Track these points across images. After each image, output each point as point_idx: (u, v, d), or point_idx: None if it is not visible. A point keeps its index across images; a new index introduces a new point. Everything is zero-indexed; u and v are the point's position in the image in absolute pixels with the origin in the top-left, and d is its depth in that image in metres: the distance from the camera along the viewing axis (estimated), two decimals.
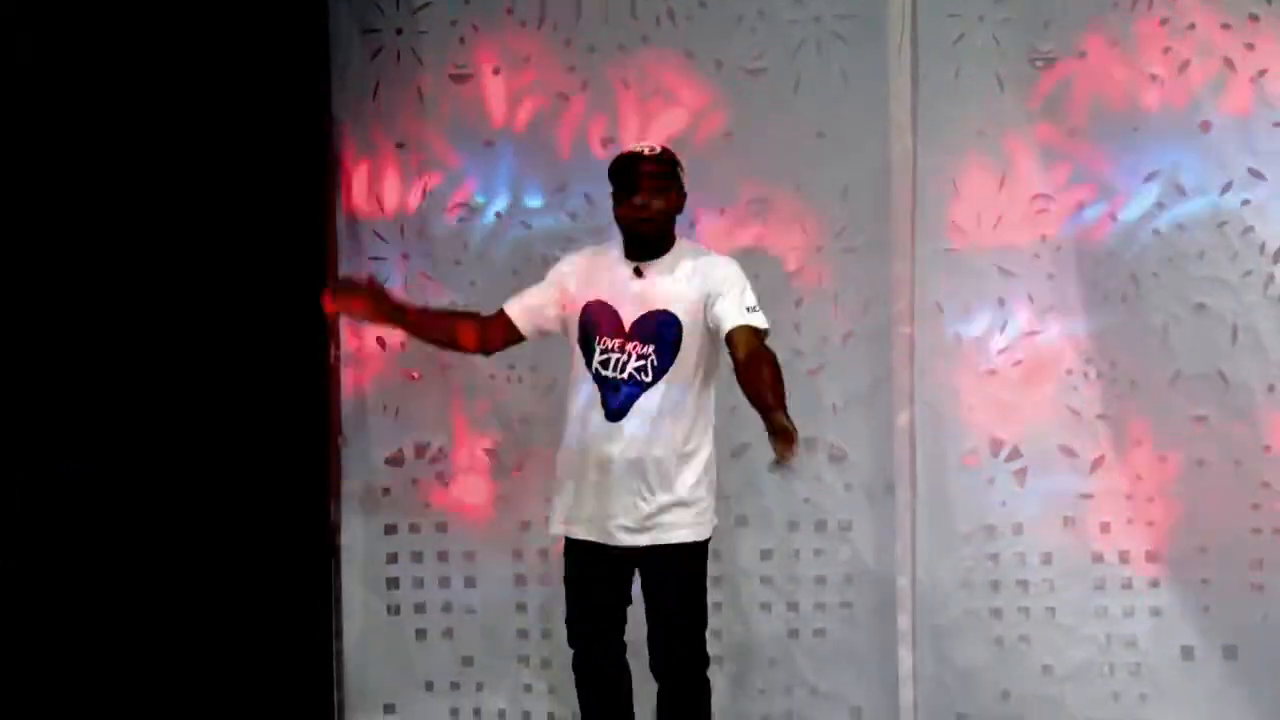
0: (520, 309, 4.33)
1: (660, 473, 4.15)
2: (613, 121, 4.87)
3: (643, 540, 4.16)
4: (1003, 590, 4.83)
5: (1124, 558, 4.79)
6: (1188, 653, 4.77)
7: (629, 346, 4.17)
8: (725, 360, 4.18)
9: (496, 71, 4.91)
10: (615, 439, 4.16)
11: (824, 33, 4.79)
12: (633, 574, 4.24)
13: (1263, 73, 4.67)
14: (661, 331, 4.17)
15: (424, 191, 4.95)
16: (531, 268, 4.73)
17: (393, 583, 5.01)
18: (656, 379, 4.16)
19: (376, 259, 4.96)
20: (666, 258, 4.21)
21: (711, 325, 4.15)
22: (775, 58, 4.81)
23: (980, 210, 4.79)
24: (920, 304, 4.80)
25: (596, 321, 4.20)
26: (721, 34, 4.82)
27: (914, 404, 4.81)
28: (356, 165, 4.95)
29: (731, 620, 4.90)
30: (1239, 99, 4.67)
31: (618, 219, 4.22)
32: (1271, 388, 4.70)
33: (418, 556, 5.00)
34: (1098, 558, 4.80)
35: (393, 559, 5.01)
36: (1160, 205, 4.73)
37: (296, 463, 4.81)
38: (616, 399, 4.17)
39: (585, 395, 4.21)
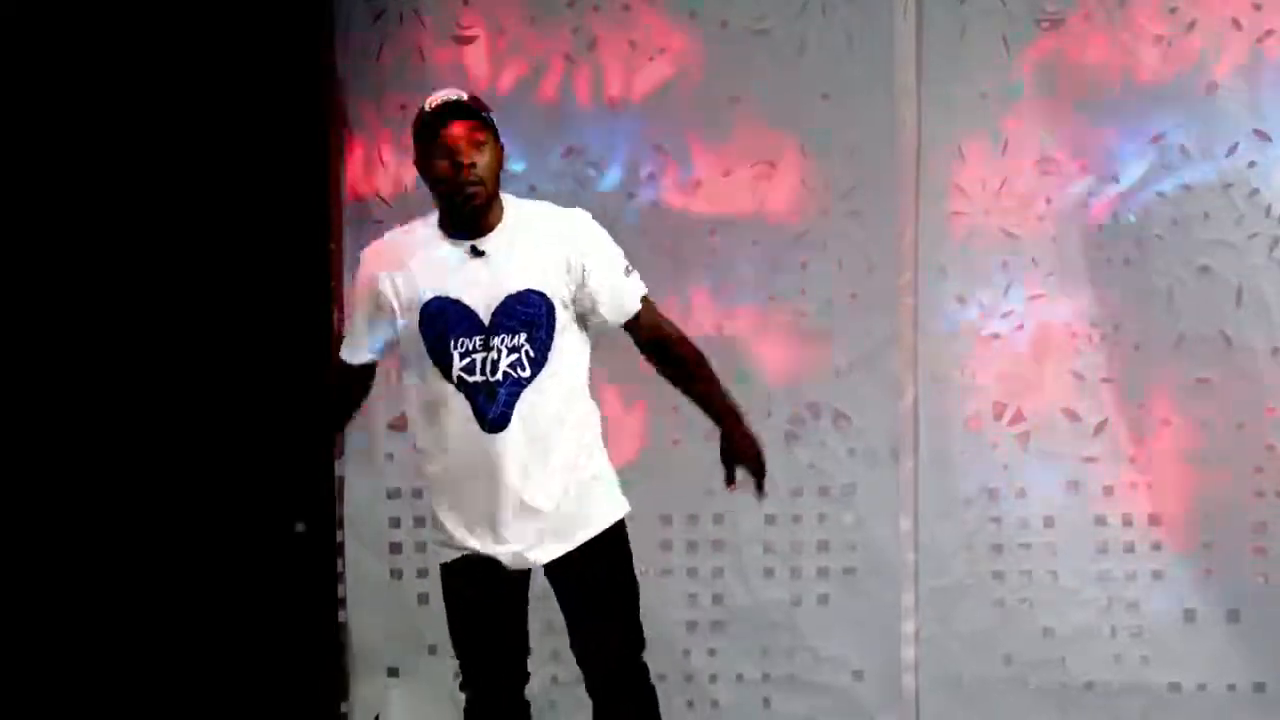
0: (351, 349, 3.68)
1: (563, 472, 3.57)
2: (618, 83, 4.85)
3: (555, 550, 3.60)
4: (1005, 553, 4.83)
5: (1126, 521, 4.80)
6: (1189, 616, 4.78)
7: (494, 341, 3.51)
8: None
9: (500, 32, 4.88)
10: (503, 452, 3.51)
11: None
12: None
13: (1269, 33, 4.65)
14: (529, 314, 3.52)
15: None
16: None
17: (395, 547, 5.00)
18: (536, 371, 3.53)
19: (379, 223, 4.93)
20: (506, 225, 3.54)
21: (588, 304, 3.55)
22: (780, 19, 4.78)
23: (985, 173, 4.77)
24: (925, 268, 4.79)
25: (444, 322, 3.52)
26: None
27: (918, 368, 4.81)
28: (360, 127, 4.92)
29: (734, 586, 4.90)
30: (1245, 60, 4.65)
31: (435, 188, 3.52)
32: (1275, 350, 4.70)
33: (420, 521, 4.99)
34: (1100, 521, 4.80)
35: (395, 524, 5.00)
36: (1165, 167, 4.72)
37: (299, 428, 4.80)
38: (494, 405, 3.52)
39: (452, 412, 3.53)
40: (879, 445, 4.83)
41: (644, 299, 3.63)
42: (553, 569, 3.63)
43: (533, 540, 3.58)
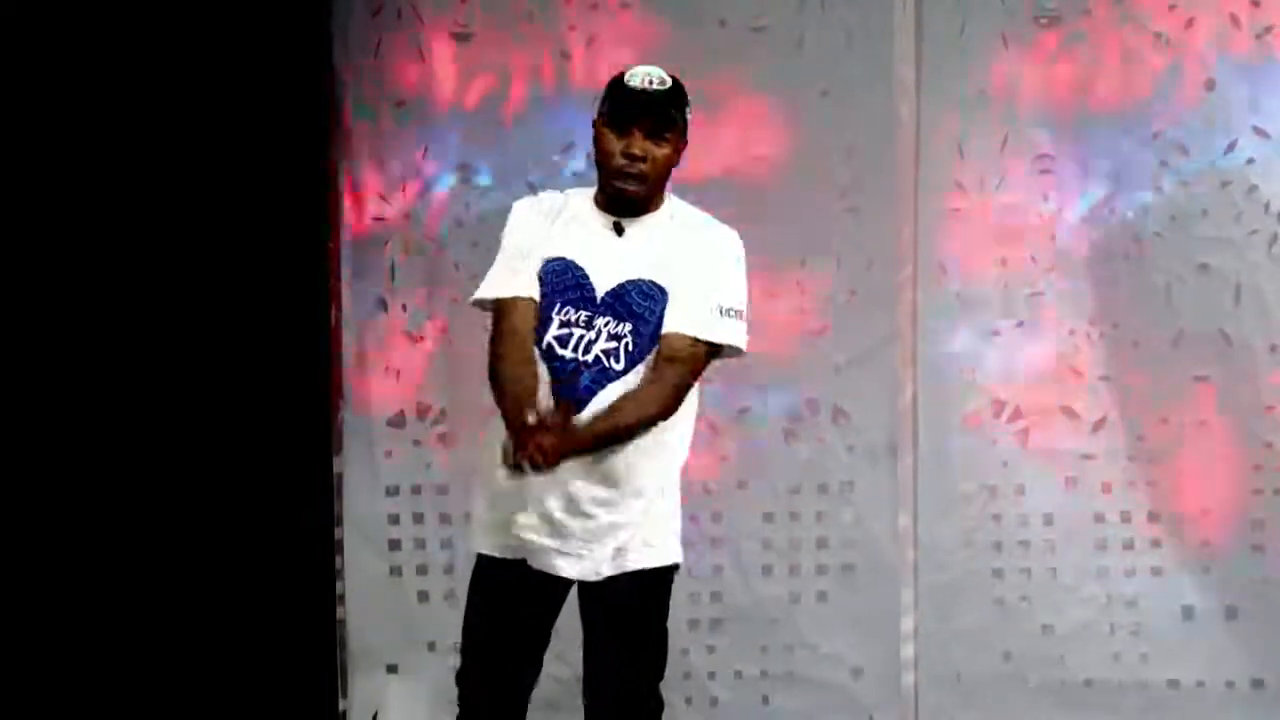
0: (528, 283, 3.38)
1: (622, 481, 3.33)
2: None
3: (593, 570, 3.34)
4: (1004, 551, 4.83)
5: (1125, 518, 4.80)
6: (1188, 613, 4.78)
7: (599, 322, 3.30)
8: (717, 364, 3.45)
9: (498, 29, 4.88)
10: (551, 486, 3.25)
11: None
12: (560, 606, 3.43)
13: (1268, 30, 4.65)
14: (643, 307, 3.31)
15: (425, 151, 4.93)
16: None
17: (394, 544, 4.99)
18: (630, 367, 3.30)
19: (377, 219, 4.94)
20: (656, 214, 3.38)
21: None
22: (779, 15, 4.78)
23: (984, 170, 4.77)
24: (923, 264, 4.79)
25: (557, 284, 3.33)
26: None
27: (917, 365, 4.81)
28: (358, 123, 4.91)
29: (733, 583, 4.90)
30: (1244, 57, 4.65)
31: (599, 160, 3.36)
32: (1274, 347, 4.70)
33: (419, 518, 4.98)
34: (1099, 518, 4.80)
35: (394, 520, 4.99)
36: (1164, 164, 4.72)
37: (297, 425, 4.80)
38: (574, 388, 3.27)
39: None
40: (878, 442, 4.83)
41: (702, 342, 3.32)
42: (589, 590, 3.36)
43: (578, 550, 3.32)
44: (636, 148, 3.30)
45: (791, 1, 4.77)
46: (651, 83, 3.33)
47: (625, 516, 3.34)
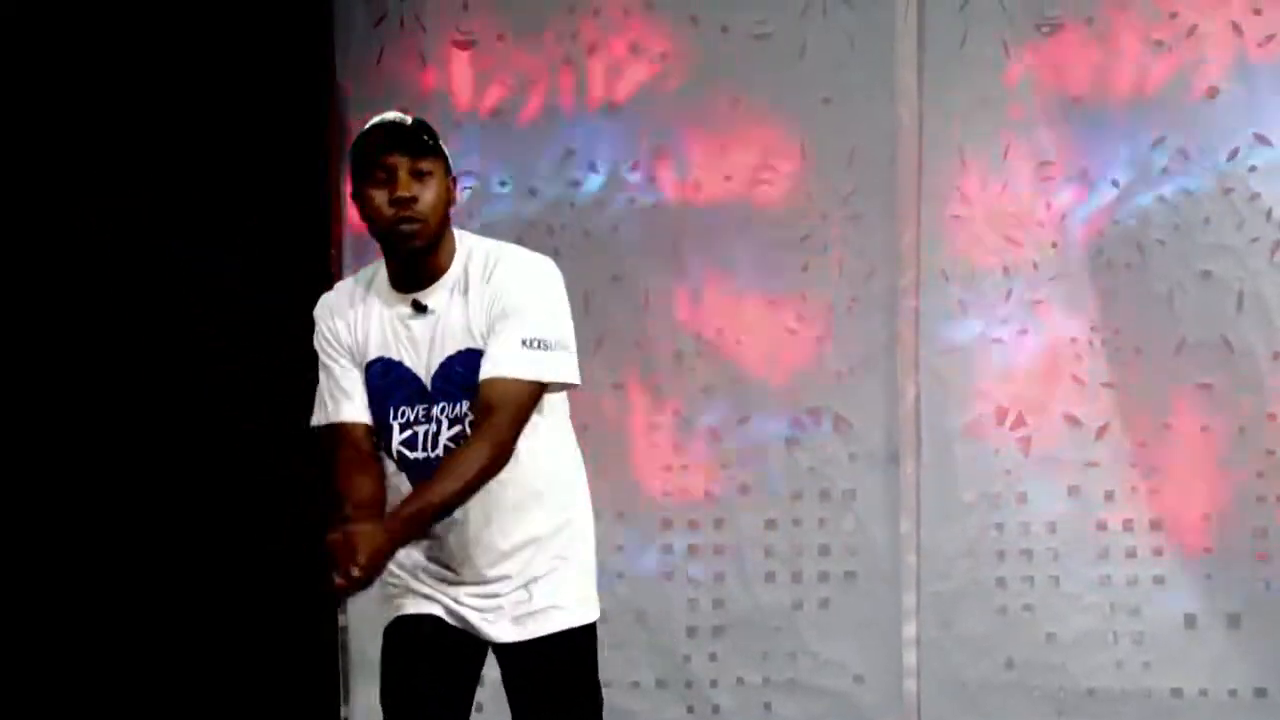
0: (353, 407, 3.13)
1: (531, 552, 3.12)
2: (618, 87, 4.85)
3: (509, 633, 3.15)
4: (1007, 559, 4.82)
5: (1128, 526, 4.79)
6: (1191, 621, 4.76)
7: (435, 411, 3.06)
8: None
9: (500, 37, 4.89)
10: (455, 537, 3.08)
11: None
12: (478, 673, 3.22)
13: (1270, 38, 4.65)
14: (471, 380, 3.05)
15: None
16: (535, 235, 4.71)
17: None
18: None
19: None
20: (450, 273, 3.09)
21: None
22: (781, 22, 4.78)
23: (986, 177, 4.77)
24: (926, 271, 4.78)
25: (384, 386, 3.10)
26: None
27: (919, 372, 4.80)
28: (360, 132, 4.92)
29: (735, 590, 4.89)
30: (1246, 65, 4.65)
31: (372, 228, 3.07)
32: (1277, 355, 4.69)
33: None
34: (1102, 526, 4.79)
35: None
36: (1166, 172, 4.71)
37: (301, 434, 4.80)
38: None
39: (403, 487, 3.09)
40: (880, 449, 4.83)
41: (516, 381, 3.02)
42: (507, 654, 3.17)
43: (489, 613, 3.13)
44: (402, 189, 3.01)
45: (794, 8, 4.78)
46: (392, 118, 3.10)
47: (523, 569, 3.14)
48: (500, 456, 3.02)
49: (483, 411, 3.02)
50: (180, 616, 4.67)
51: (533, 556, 3.13)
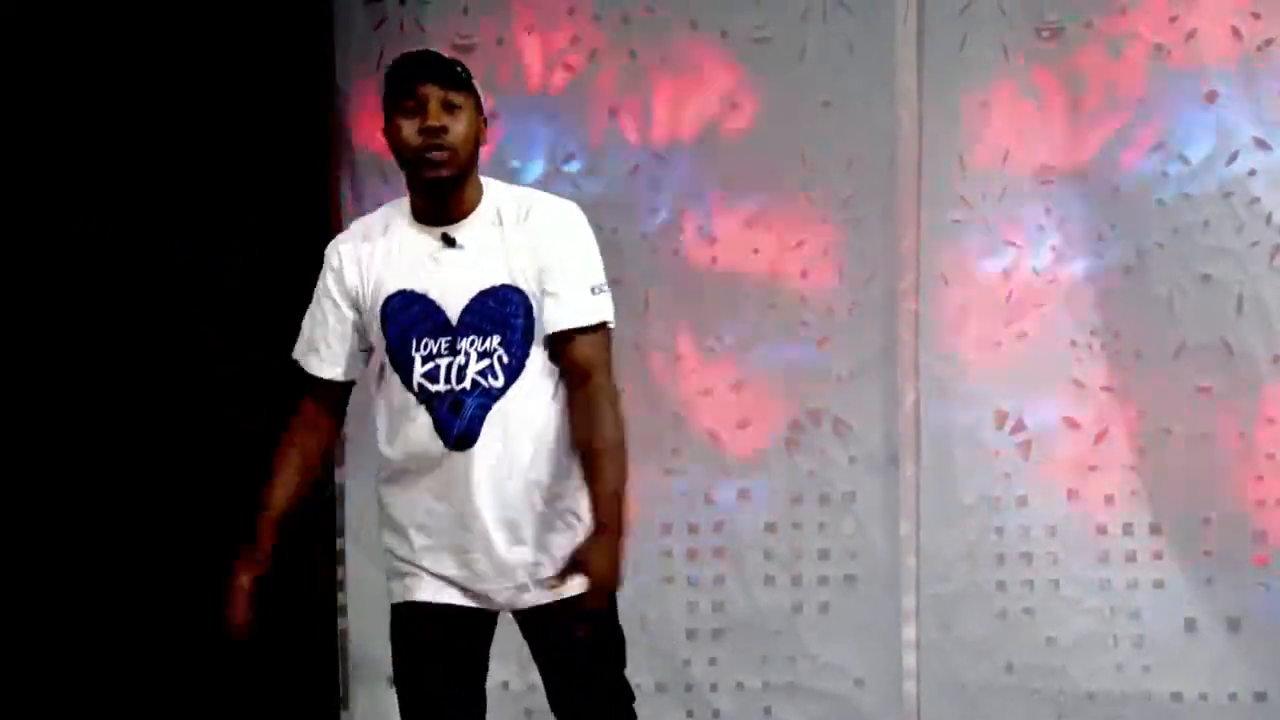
0: (325, 360, 3.24)
1: (544, 501, 3.15)
2: (618, 91, 4.85)
3: (532, 599, 3.17)
4: (1007, 563, 4.82)
5: (1127, 530, 4.79)
6: (1190, 624, 4.77)
7: (462, 344, 3.07)
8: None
9: (500, 42, 4.89)
10: (470, 473, 3.08)
11: (830, 2, 4.76)
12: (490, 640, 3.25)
13: (1269, 42, 4.66)
14: (504, 314, 3.08)
15: None
16: None
17: None
18: (511, 380, 3.08)
19: None
20: (481, 211, 3.11)
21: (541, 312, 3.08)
22: (781, 27, 4.78)
23: (985, 181, 4.77)
24: (925, 275, 4.79)
25: (405, 320, 3.09)
26: (727, 3, 4.79)
27: (919, 376, 4.81)
28: (361, 136, 4.93)
29: (735, 593, 4.89)
30: (1245, 69, 4.65)
31: (399, 155, 3.09)
32: (1277, 359, 4.70)
33: None
34: (1101, 530, 4.80)
35: None
36: (1165, 175, 4.72)
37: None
38: (459, 420, 3.07)
39: (414, 426, 3.10)
40: (879, 453, 4.83)
41: (594, 328, 3.09)
42: (529, 619, 3.20)
43: (507, 582, 3.15)
44: (432, 119, 3.01)
45: (793, 12, 4.78)
46: (424, 51, 3.11)
47: (544, 532, 3.17)
48: (618, 411, 3.09)
49: (579, 371, 3.07)
50: (179, 619, 4.67)
51: (553, 518, 3.14)
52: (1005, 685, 4.82)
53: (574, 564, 3.01)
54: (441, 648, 3.18)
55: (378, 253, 3.13)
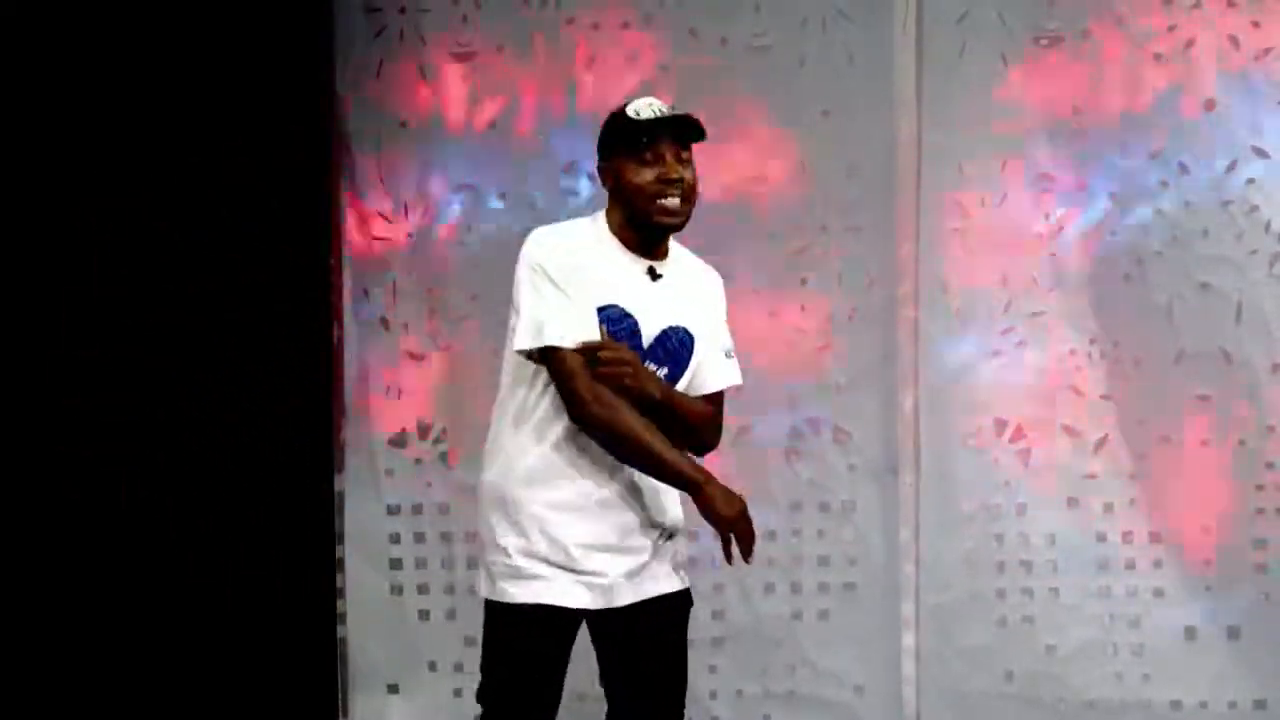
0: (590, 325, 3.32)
1: (663, 515, 3.49)
2: (617, 99, 4.83)
3: (644, 591, 3.45)
4: (1006, 571, 4.83)
5: (1127, 538, 4.80)
6: (1190, 633, 4.77)
7: (648, 365, 3.35)
8: None
9: (499, 50, 4.90)
10: (629, 483, 3.39)
11: (829, 10, 4.78)
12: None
13: (1267, 51, 4.67)
14: (678, 353, 3.38)
15: (428, 171, 4.93)
16: None
17: (396, 563, 4.99)
18: None
19: (380, 239, 4.95)
20: (672, 255, 3.40)
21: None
22: (780, 35, 4.80)
23: (984, 189, 4.78)
24: (924, 283, 4.79)
25: (613, 333, 3.30)
26: (726, 11, 4.80)
27: (918, 384, 4.81)
28: (360, 144, 4.93)
29: (735, 601, 4.90)
30: (1244, 77, 4.67)
31: (629, 195, 3.30)
32: (1276, 367, 4.71)
33: (420, 537, 4.98)
34: (1101, 538, 4.80)
35: (395, 540, 4.99)
36: (1164, 184, 4.73)
37: (299, 443, 4.80)
38: None
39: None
40: (879, 461, 4.83)
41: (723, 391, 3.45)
42: (615, 619, 3.38)
43: (634, 570, 3.40)
44: (672, 172, 3.28)
45: (793, 21, 4.79)
46: (662, 109, 3.33)
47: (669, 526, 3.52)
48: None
49: (714, 413, 3.43)
50: (180, 626, 4.67)
51: (672, 526, 3.50)
52: (1005, 693, 4.82)
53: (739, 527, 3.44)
54: (560, 663, 3.38)
55: (587, 262, 3.30)
